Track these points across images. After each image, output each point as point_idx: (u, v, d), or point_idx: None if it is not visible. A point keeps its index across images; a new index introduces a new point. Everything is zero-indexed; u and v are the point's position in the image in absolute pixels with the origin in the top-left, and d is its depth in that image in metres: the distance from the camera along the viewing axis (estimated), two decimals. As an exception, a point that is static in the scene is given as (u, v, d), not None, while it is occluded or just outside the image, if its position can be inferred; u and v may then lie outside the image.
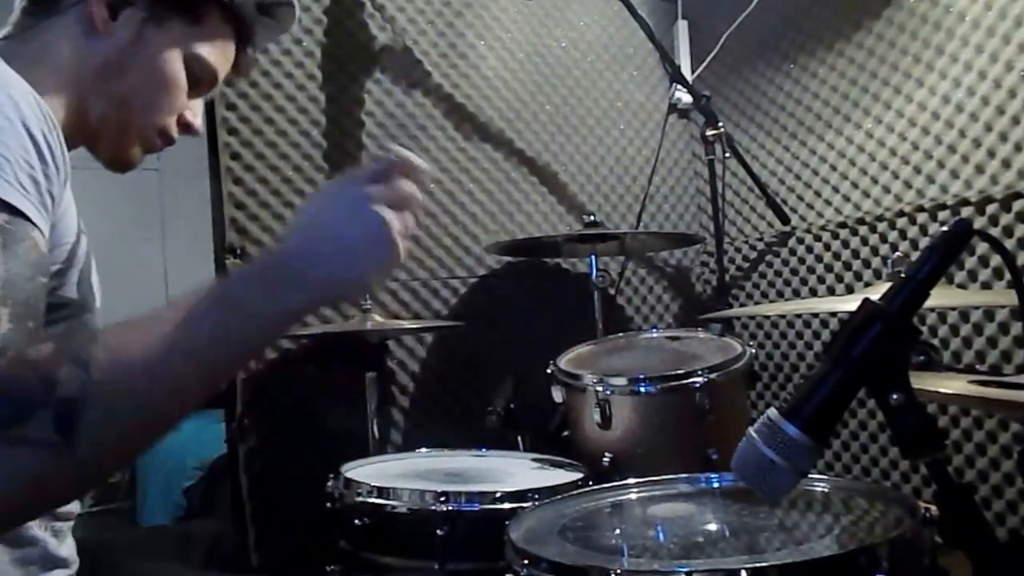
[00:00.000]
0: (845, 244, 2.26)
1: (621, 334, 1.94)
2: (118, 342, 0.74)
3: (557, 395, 1.69)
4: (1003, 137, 1.87)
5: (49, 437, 0.67)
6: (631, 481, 1.29)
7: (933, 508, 0.90)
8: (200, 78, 1.10)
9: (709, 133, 2.29)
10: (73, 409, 0.68)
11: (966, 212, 1.92)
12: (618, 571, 0.93)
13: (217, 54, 1.11)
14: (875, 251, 2.17)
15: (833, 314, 2.20)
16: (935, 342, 1.99)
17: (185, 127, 1.12)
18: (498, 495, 1.33)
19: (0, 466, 0.66)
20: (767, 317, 2.49)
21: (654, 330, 1.96)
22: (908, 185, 2.09)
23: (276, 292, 0.79)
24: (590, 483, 1.39)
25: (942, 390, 1.03)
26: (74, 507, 1.04)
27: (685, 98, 2.68)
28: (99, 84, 1.02)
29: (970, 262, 1.92)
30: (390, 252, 0.82)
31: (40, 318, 0.82)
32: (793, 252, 2.43)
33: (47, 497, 0.75)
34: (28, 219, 0.79)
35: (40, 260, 0.82)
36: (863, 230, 2.21)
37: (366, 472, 1.55)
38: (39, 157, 0.82)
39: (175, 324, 0.75)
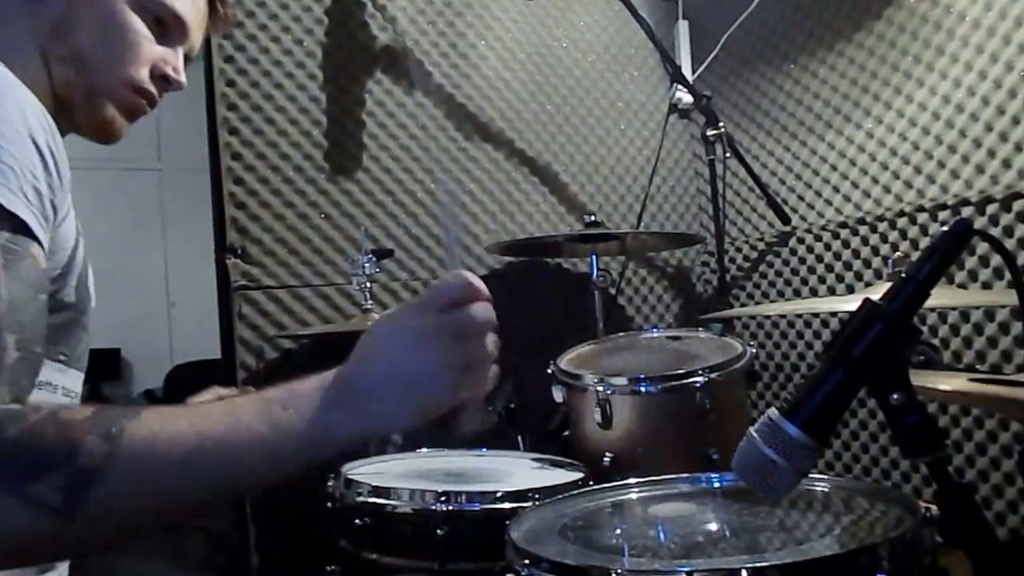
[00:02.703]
0: (845, 244, 2.26)
1: (622, 334, 1.94)
2: (156, 427, 0.70)
3: (558, 395, 1.69)
4: (1003, 137, 1.88)
5: (54, 502, 0.65)
6: (632, 481, 1.29)
7: (933, 508, 0.89)
8: (165, 22, 1.05)
9: (710, 133, 2.30)
10: (86, 481, 0.66)
11: (966, 212, 1.93)
12: (619, 571, 0.93)
13: None
14: (875, 251, 2.17)
15: (833, 314, 2.20)
16: (935, 342, 1.99)
17: (162, 79, 1.06)
18: (498, 495, 1.33)
19: None
20: (767, 317, 2.49)
21: (655, 330, 1.95)
22: (908, 185, 2.09)
23: (325, 420, 0.75)
24: (590, 483, 1.38)
25: (942, 387, 1.03)
26: None
27: (686, 98, 2.68)
28: (55, 46, 0.99)
29: (970, 262, 1.92)
30: (447, 391, 0.78)
31: (43, 339, 0.81)
32: (793, 252, 2.43)
33: (34, 557, 0.73)
34: (30, 233, 0.78)
35: (40, 278, 0.81)
36: (863, 230, 2.21)
37: (366, 472, 1.54)
38: (44, 168, 0.82)
39: (215, 422, 0.72)
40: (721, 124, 2.29)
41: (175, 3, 1.05)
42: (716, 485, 1.25)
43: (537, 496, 1.31)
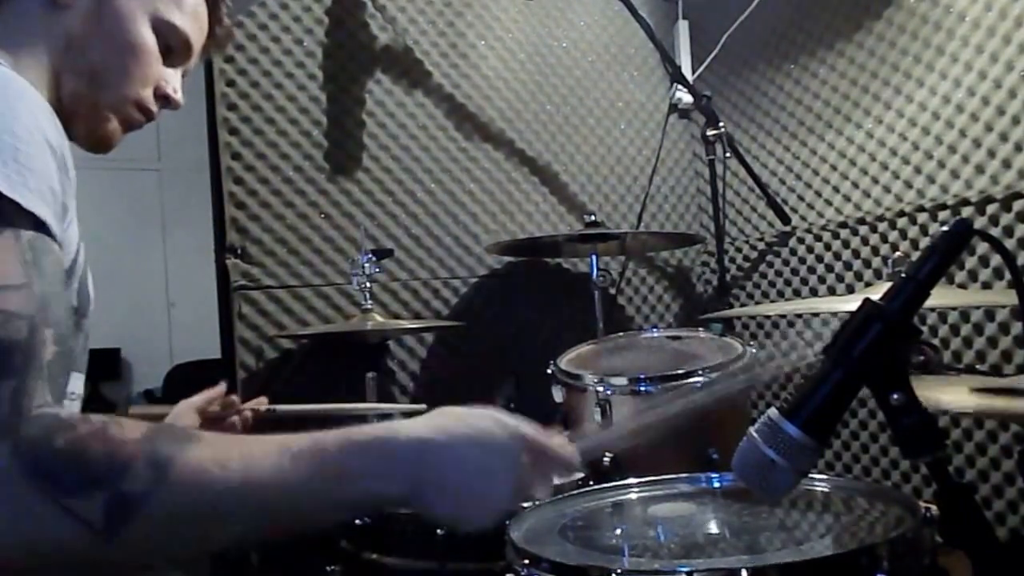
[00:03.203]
0: (845, 244, 2.26)
1: (621, 334, 1.94)
2: (207, 463, 0.69)
3: (557, 395, 1.69)
4: (1003, 137, 1.88)
5: (95, 520, 0.64)
6: (631, 481, 1.29)
7: (933, 508, 0.89)
8: (172, 46, 1.07)
9: (710, 133, 2.30)
10: (131, 505, 0.65)
11: (966, 212, 1.93)
12: (619, 571, 0.93)
13: (187, 20, 1.07)
14: (875, 251, 2.17)
15: (833, 314, 2.19)
16: (935, 342, 1.99)
17: (163, 99, 1.08)
18: (498, 495, 1.33)
19: (38, 527, 0.64)
20: (767, 317, 2.49)
21: (655, 330, 1.96)
22: (908, 185, 2.09)
23: (383, 478, 0.75)
24: (590, 483, 1.38)
25: (943, 399, 1.02)
26: None
27: (686, 98, 2.68)
28: (68, 58, 0.99)
29: (970, 262, 1.92)
30: (503, 505, 0.81)
31: (73, 335, 0.81)
32: (793, 252, 2.43)
33: (63, 568, 0.72)
34: (50, 232, 0.79)
35: (62, 274, 0.81)
36: (863, 230, 2.21)
37: (366, 472, 1.54)
38: (57, 168, 0.82)
39: (266, 466, 0.71)
40: (721, 124, 2.29)
41: (187, 30, 1.07)
42: (716, 485, 1.25)
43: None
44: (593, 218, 2.09)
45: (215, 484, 0.69)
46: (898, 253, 1.45)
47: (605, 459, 1.55)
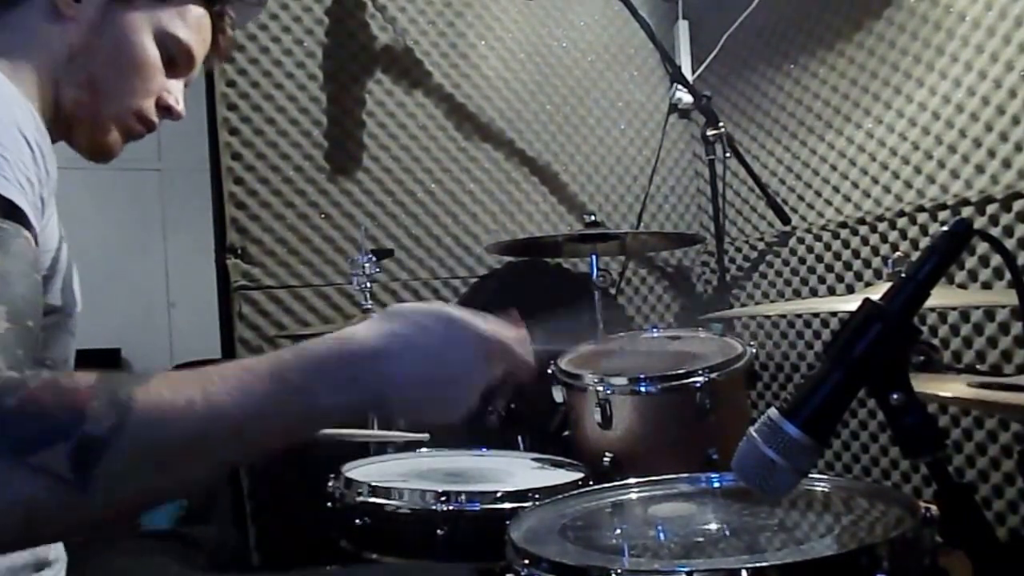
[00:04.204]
0: (845, 244, 2.26)
1: (622, 334, 1.94)
2: (164, 392, 0.68)
3: (558, 395, 1.69)
4: (1003, 137, 1.88)
5: (63, 471, 0.63)
6: (631, 481, 1.29)
7: (933, 508, 0.90)
8: (175, 57, 1.07)
9: (710, 133, 2.30)
10: (95, 449, 0.64)
11: (966, 212, 1.93)
12: (619, 571, 0.93)
13: (191, 32, 1.07)
14: (875, 251, 2.17)
15: (833, 314, 2.20)
16: (935, 342, 1.99)
17: (165, 110, 1.08)
18: (498, 495, 1.33)
19: (7, 490, 0.62)
20: (767, 317, 2.49)
21: (655, 330, 1.95)
22: (908, 185, 2.09)
23: (339, 387, 0.74)
24: (590, 483, 1.39)
25: (942, 393, 1.03)
26: None
27: (686, 98, 2.68)
28: (70, 69, 0.99)
29: (970, 262, 1.92)
30: (467, 400, 0.80)
31: (39, 315, 0.80)
32: (793, 252, 2.43)
33: (44, 531, 0.71)
34: (24, 219, 0.78)
35: (35, 257, 0.81)
36: (863, 230, 2.21)
37: (366, 472, 1.55)
38: (33, 160, 0.82)
39: (227, 390, 0.70)
40: (721, 124, 2.29)
41: (190, 42, 1.07)
42: (716, 485, 1.25)
43: (537, 496, 1.31)
44: (593, 218, 2.09)
45: (177, 418, 0.67)
46: (898, 253, 1.45)
47: (605, 459, 1.56)
